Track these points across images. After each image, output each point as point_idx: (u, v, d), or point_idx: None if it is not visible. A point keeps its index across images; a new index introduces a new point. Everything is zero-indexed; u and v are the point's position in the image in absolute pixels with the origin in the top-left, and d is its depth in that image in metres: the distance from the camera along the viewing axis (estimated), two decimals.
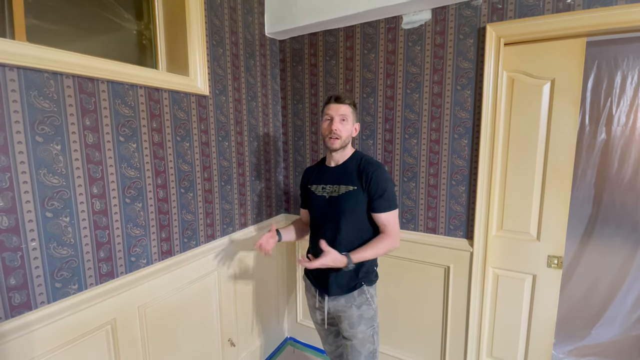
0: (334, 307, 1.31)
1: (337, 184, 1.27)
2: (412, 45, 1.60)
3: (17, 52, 0.90)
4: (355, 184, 1.24)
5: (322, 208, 1.31)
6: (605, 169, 1.76)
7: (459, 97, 1.53)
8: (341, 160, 1.31)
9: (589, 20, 1.29)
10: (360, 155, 1.31)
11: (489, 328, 1.66)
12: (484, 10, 1.44)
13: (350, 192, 1.24)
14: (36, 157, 0.96)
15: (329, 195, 1.29)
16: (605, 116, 1.74)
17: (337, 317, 1.34)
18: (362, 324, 1.28)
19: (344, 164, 1.30)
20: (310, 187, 1.37)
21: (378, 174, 1.22)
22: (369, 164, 1.25)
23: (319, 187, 1.33)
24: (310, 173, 1.43)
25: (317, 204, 1.33)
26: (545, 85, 1.44)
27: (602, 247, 1.83)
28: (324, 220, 1.30)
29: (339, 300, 1.29)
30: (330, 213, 1.28)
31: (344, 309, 1.29)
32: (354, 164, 1.28)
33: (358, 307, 1.28)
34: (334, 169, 1.32)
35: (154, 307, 1.31)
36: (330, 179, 1.31)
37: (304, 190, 1.43)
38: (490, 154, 1.49)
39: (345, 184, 1.25)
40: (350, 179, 1.25)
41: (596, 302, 1.87)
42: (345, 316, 1.29)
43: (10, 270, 0.93)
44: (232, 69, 1.66)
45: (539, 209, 1.50)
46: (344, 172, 1.28)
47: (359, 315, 1.27)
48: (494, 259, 1.61)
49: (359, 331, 1.28)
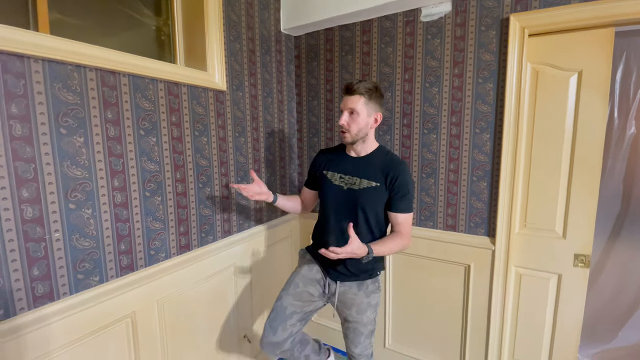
0: (343, 293, 1.29)
1: (357, 177, 1.24)
2: (431, 38, 1.57)
3: (42, 44, 0.91)
4: (379, 180, 1.21)
5: (337, 198, 1.28)
6: (636, 163, 1.69)
7: (481, 91, 1.49)
8: (363, 152, 1.28)
9: (618, 9, 1.24)
10: (386, 151, 1.29)
11: (512, 329, 1.61)
12: (507, 0, 1.40)
13: (372, 188, 1.22)
14: (60, 148, 0.97)
15: (347, 187, 1.26)
16: (635, 109, 1.67)
17: (343, 302, 1.30)
18: (368, 311, 1.29)
19: (367, 158, 1.27)
20: (326, 173, 1.32)
21: (405, 175, 1.21)
22: (396, 162, 1.23)
23: (335, 175, 1.30)
24: (326, 157, 1.37)
25: (332, 192, 1.29)
26: (572, 77, 1.39)
27: (631, 246, 1.75)
28: (338, 210, 1.27)
29: (350, 287, 1.28)
30: (346, 205, 1.25)
31: (354, 297, 1.28)
32: (380, 159, 1.25)
33: (368, 295, 1.28)
34: (356, 160, 1.28)
35: (172, 301, 1.31)
36: (351, 169, 1.27)
37: (316, 173, 1.38)
38: (514, 149, 1.45)
39: (368, 179, 1.23)
40: (374, 175, 1.23)
41: (624, 303, 1.79)
42: (354, 303, 1.28)
43: (34, 261, 0.93)
44: (249, 65, 1.65)
45: (565, 206, 1.45)
46: (367, 166, 1.25)
47: (368, 302, 1.28)
48: (517, 258, 1.56)
49: (365, 317, 1.29)
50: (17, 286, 0.90)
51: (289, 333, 1.29)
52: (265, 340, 1.28)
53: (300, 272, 1.38)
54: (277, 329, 1.28)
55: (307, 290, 1.33)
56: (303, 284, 1.34)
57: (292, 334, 1.30)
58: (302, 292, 1.33)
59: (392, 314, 1.85)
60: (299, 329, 1.33)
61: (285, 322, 1.29)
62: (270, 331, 1.28)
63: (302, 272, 1.37)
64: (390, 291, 1.83)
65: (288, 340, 1.29)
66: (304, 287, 1.33)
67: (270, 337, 1.27)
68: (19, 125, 0.88)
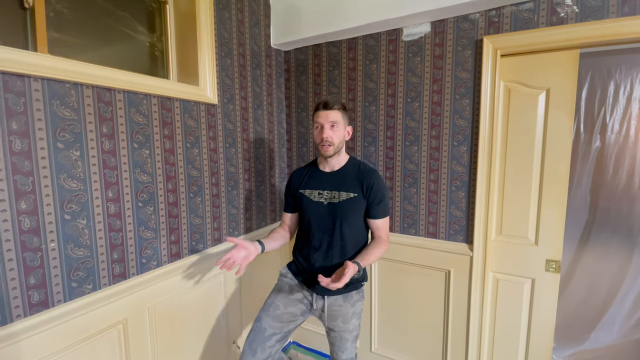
0: (330, 305, 1.32)
1: (336, 190, 1.31)
2: (412, 56, 1.67)
3: (42, 64, 0.96)
4: (357, 190, 1.29)
5: (319, 214, 1.32)
6: (601, 175, 1.81)
7: (458, 106, 1.59)
8: (337, 166, 1.35)
9: (582, 32, 1.35)
10: (358, 162, 1.36)
11: (490, 332, 1.69)
12: (481, 23, 1.51)
13: (351, 199, 1.29)
14: (57, 162, 1.02)
15: (327, 202, 1.32)
16: (599, 124, 1.80)
17: (329, 314, 1.33)
18: (353, 318, 1.34)
19: (342, 171, 1.34)
20: (303, 192, 1.37)
21: (378, 181, 1.30)
22: (369, 171, 1.31)
23: (314, 192, 1.35)
24: (300, 177, 1.41)
25: (312, 209, 1.33)
26: (541, 94, 1.50)
27: (598, 252, 1.87)
28: (321, 226, 1.32)
29: (336, 300, 1.32)
30: (329, 218, 1.31)
31: (340, 308, 1.32)
32: (353, 170, 1.32)
33: (353, 305, 1.33)
34: (331, 175, 1.34)
35: (163, 308, 1.36)
36: (328, 184, 1.33)
37: (295, 194, 1.41)
38: (489, 161, 1.55)
39: (347, 191, 1.30)
40: (351, 186, 1.30)
41: (594, 306, 1.90)
42: (340, 314, 1.32)
43: (31, 270, 0.98)
44: (240, 79, 1.72)
45: (536, 215, 1.55)
46: (343, 179, 1.32)
47: (353, 312, 1.33)
48: (494, 263, 1.65)
49: (351, 324, 1.33)
50: (14, 294, 0.94)
51: (268, 354, 1.31)
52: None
53: (280, 293, 1.38)
54: (256, 350, 1.29)
55: (288, 312, 1.35)
56: (284, 305, 1.35)
57: (271, 354, 1.32)
58: (282, 315, 1.34)
59: (377, 319, 1.92)
60: (278, 349, 1.35)
61: (264, 344, 1.30)
62: (249, 352, 1.29)
63: (282, 293, 1.38)
64: (376, 297, 1.90)
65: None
66: (285, 309, 1.35)
67: (250, 358, 1.28)
68: (18, 140, 0.93)
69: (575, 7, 1.35)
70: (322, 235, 1.32)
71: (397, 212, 1.79)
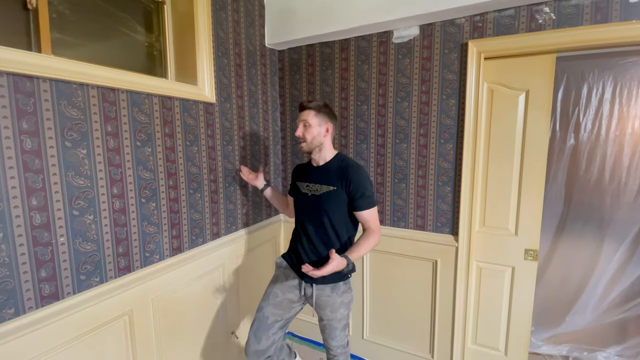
0: (319, 295, 1.40)
1: (318, 184, 1.41)
2: (402, 58, 1.75)
3: (50, 66, 1.00)
4: (336, 184, 1.36)
5: (305, 204, 1.44)
6: (575, 171, 1.95)
7: (445, 106, 1.68)
8: (322, 161, 1.43)
9: (559, 38, 1.46)
10: (342, 158, 1.44)
11: (474, 317, 1.81)
12: (466, 27, 1.60)
13: (330, 192, 1.37)
14: (65, 160, 1.06)
15: (310, 193, 1.42)
16: (573, 123, 1.93)
17: (318, 304, 1.41)
18: (341, 308, 1.41)
19: (326, 166, 1.42)
20: (298, 183, 1.51)
21: (357, 176, 1.34)
22: (349, 166, 1.37)
23: (303, 185, 1.47)
24: (299, 169, 1.57)
25: (300, 199, 1.47)
26: (521, 95, 1.61)
27: (573, 242, 2.01)
28: (306, 216, 1.43)
29: (324, 290, 1.39)
30: (312, 209, 1.41)
31: (328, 298, 1.39)
32: (336, 166, 1.40)
33: (340, 295, 1.40)
34: (317, 169, 1.44)
35: (166, 300, 1.41)
36: (313, 178, 1.44)
37: (293, 183, 1.56)
38: (473, 157, 1.65)
39: (327, 184, 1.38)
40: (331, 180, 1.38)
41: (569, 292, 2.05)
42: (328, 303, 1.39)
43: (42, 264, 1.02)
44: (236, 78, 1.77)
45: (516, 207, 1.67)
46: (326, 173, 1.40)
47: (341, 301, 1.40)
48: (477, 253, 1.76)
49: (339, 314, 1.41)
50: (26, 287, 0.99)
51: (272, 340, 1.42)
52: (251, 349, 1.41)
53: (278, 281, 1.48)
54: (261, 338, 1.40)
55: (287, 298, 1.44)
56: (282, 292, 1.45)
57: (274, 341, 1.43)
58: (282, 301, 1.44)
59: (369, 308, 2.02)
60: (281, 335, 1.46)
61: (268, 331, 1.41)
62: (254, 340, 1.40)
63: (279, 280, 1.48)
64: (368, 286, 1.99)
65: (272, 347, 1.43)
66: (283, 295, 1.44)
67: (255, 346, 1.40)
68: (29, 139, 0.97)
69: (553, 14, 1.45)
70: (306, 225, 1.42)
71: (388, 206, 1.89)
